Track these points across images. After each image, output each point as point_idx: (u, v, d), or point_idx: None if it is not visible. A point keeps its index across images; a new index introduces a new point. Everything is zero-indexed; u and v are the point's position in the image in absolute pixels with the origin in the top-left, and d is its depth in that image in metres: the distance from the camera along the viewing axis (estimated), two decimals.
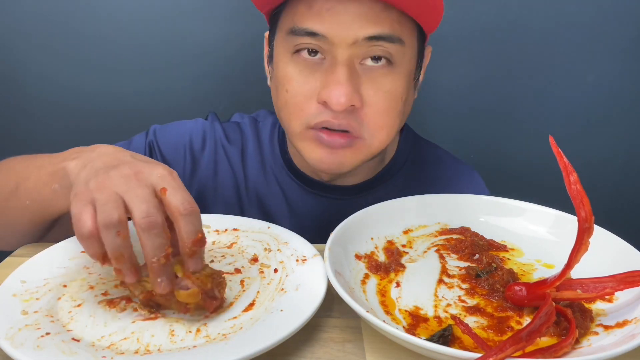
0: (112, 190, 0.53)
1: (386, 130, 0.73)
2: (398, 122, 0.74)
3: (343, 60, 0.68)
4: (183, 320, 0.55)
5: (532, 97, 1.33)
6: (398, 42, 0.69)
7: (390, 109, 0.72)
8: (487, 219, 0.73)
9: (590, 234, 0.53)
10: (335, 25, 0.67)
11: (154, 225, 0.51)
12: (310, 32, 0.68)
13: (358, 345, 0.53)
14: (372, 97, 0.70)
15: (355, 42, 0.67)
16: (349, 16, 0.67)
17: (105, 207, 0.52)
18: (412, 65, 0.74)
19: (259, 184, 0.88)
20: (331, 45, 0.68)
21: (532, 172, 1.34)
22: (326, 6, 0.67)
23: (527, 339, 0.46)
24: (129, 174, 0.54)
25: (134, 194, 0.52)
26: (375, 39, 0.67)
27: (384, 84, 0.70)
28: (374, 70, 0.70)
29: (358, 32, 0.67)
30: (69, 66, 1.28)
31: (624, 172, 1.39)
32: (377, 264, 0.63)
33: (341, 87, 0.67)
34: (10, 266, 0.63)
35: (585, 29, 1.27)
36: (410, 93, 0.76)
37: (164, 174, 0.54)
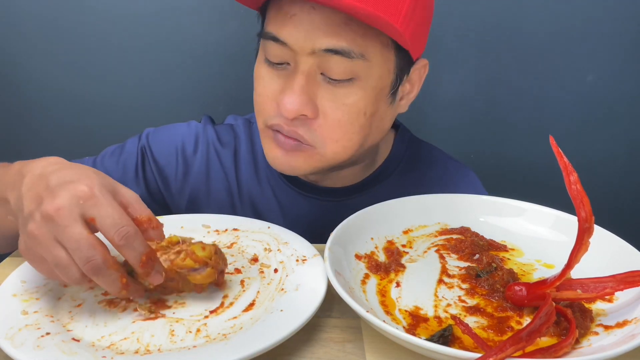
0: (47, 240, 0.50)
1: (342, 143, 0.71)
2: (359, 137, 0.72)
3: (302, 69, 0.68)
4: (183, 320, 0.55)
5: (532, 97, 1.33)
6: (359, 58, 0.67)
7: (347, 123, 0.70)
8: (487, 219, 0.73)
9: (590, 234, 0.53)
10: (295, 33, 0.66)
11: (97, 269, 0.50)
12: (274, 37, 0.68)
13: (358, 345, 0.53)
14: (328, 109, 0.69)
15: (313, 52, 0.66)
16: (310, 25, 0.65)
17: (58, 268, 0.51)
18: (383, 82, 0.71)
19: (252, 186, 0.88)
20: (293, 53, 0.68)
21: (532, 172, 1.34)
22: (291, 12, 0.66)
23: (527, 339, 0.46)
24: (49, 214, 0.50)
25: (64, 236, 0.50)
26: (332, 52, 0.66)
27: (344, 98, 0.69)
28: (334, 82, 0.68)
29: (316, 43, 0.66)
30: (65, 66, 1.28)
31: (624, 172, 1.39)
32: (377, 264, 0.63)
33: (293, 95, 0.67)
34: (10, 266, 0.63)
35: (585, 29, 1.27)
36: (381, 108, 0.73)
37: (83, 194, 0.51)
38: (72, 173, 0.54)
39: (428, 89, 1.32)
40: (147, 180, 0.87)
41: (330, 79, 0.68)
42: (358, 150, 0.75)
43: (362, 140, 0.74)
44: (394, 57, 0.71)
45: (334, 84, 0.68)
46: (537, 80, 1.32)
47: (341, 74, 0.68)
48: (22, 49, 1.27)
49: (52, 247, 0.50)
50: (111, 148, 0.89)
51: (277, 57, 0.69)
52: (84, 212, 0.51)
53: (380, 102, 0.73)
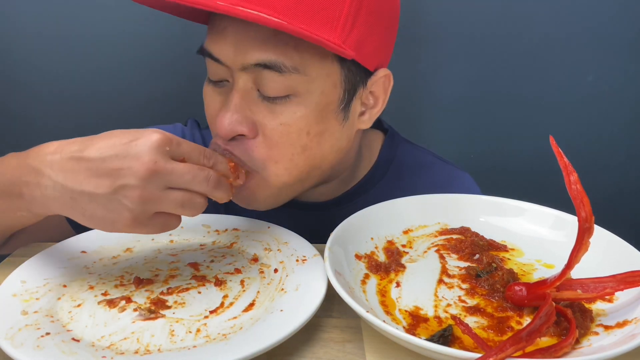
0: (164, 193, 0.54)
1: (282, 164, 0.66)
2: (303, 158, 0.67)
3: (238, 86, 0.64)
4: (183, 320, 0.55)
5: (532, 97, 1.33)
6: (294, 72, 0.62)
7: (287, 143, 0.65)
8: (487, 219, 0.73)
9: (590, 234, 0.53)
10: (225, 48, 0.63)
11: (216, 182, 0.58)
12: (209, 54, 0.65)
13: (358, 345, 0.53)
14: (266, 128, 0.65)
15: (245, 67, 0.63)
16: (239, 39, 0.62)
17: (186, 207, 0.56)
18: (327, 97, 0.65)
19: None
20: (229, 69, 0.64)
21: (532, 172, 1.34)
22: (221, 26, 0.63)
23: (527, 339, 0.46)
24: (149, 172, 0.53)
25: (179, 177, 0.54)
26: (262, 66, 0.62)
27: (281, 116, 0.64)
28: (271, 100, 0.64)
29: (245, 57, 0.62)
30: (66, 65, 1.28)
31: (624, 172, 1.39)
32: (377, 264, 0.63)
33: (227, 113, 0.64)
34: (10, 266, 0.63)
35: (585, 29, 1.26)
36: (331, 126, 0.68)
37: (162, 141, 0.54)
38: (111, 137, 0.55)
39: (428, 89, 1.33)
40: None
41: (265, 96, 0.64)
42: (311, 172, 0.70)
43: (310, 161, 0.68)
44: (339, 70, 0.65)
45: (271, 101, 0.64)
46: (537, 80, 1.31)
47: (276, 91, 0.63)
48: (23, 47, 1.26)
49: (168, 194, 0.54)
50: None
51: (216, 74, 0.67)
52: (173, 154, 0.55)
53: (328, 119, 0.67)
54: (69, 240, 0.68)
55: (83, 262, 0.65)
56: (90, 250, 0.67)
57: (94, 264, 0.65)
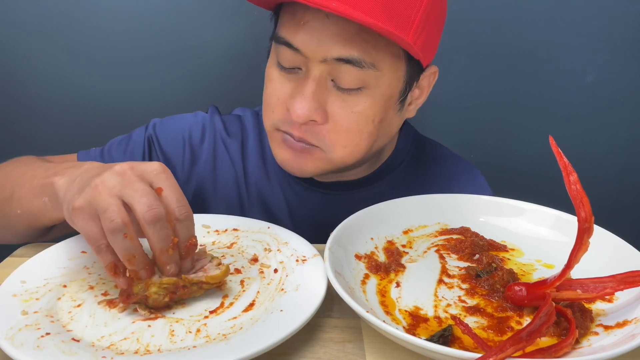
0: (109, 193, 0.53)
1: (349, 149, 0.73)
2: (366, 142, 0.74)
3: (314, 75, 0.69)
4: (183, 320, 0.55)
5: (531, 97, 1.33)
6: (370, 67, 0.68)
7: (356, 129, 0.71)
8: (487, 219, 0.73)
9: (590, 234, 0.53)
10: (308, 40, 0.67)
11: (158, 218, 0.52)
12: (287, 43, 0.69)
13: (358, 345, 0.53)
14: (337, 116, 0.70)
15: (325, 60, 0.67)
16: (322, 33, 0.66)
17: (106, 214, 0.52)
18: (392, 90, 0.72)
19: (259, 178, 0.88)
20: (305, 59, 0.69)
21: (532, 172, 1.34)
22: (304, 19, 0.67)
23: (527, 339, 0.46)
24: (123, 170, 0.54)
25: (132, 189, 0.53)
26: (343, 61, 0.67)
27: (353, 105, 0.70)
28: (344, 90, 0.69)
29: (328, 51, 0.67)
30: (69, 63, 1.28)
31: (624, 172, 1.39)
32: (377, 264, 0.63)
33: (303, 101, 0.68)
34: (10, 266, 0.63)
35: (585, 29, 1.26)
36: (390, 115, 0.75)
37: (159, 170, 0.55)
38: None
39: None
40: None
41: (340, 87, 0.69)
42: (365, 155, 0.76)
43: (370, 145, 0.75)
44: (405, 66, 0.72)
45: (344, 91, 0.69)
46: (536, 80, 1.31)
47: (351, 83, 0.68)
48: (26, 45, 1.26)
49: (111, 196, 0.53)
50: (118, 138, 0.89)
51: (289, 62, 0.70)
52: (154, 180, 0.55)
53: (389, 109, 0.74)
54: (69, 240, 0.68)
55: (83, 262, 0.65)
56: (90, 250, 0.67)
57: (94, 264, 0.65)
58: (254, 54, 1.21)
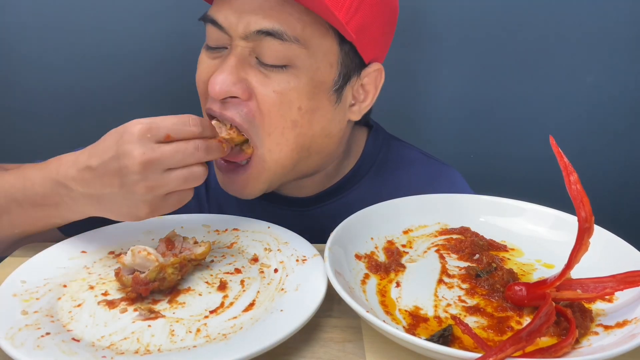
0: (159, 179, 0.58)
1: (275, 138, 0.68)
2: (293, 134, 0.69)
3: (235, 52, 0.66)
4: (183, 320, 0.55)
5: (532, 98, 1.33)
6: (294, 42, 0.64)
7: (278, 113, 0.67)
8: (487, 219, 0.73)
9: (590, 234, 0.52)
10: (230, 15, 0.65)
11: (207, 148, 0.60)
12: (212, 20, 0.67)
13: (358, 345, 0.53)
14: (259, 94, 0.66)
15: (246, 34, 0.65)
16: (245, 7, 0.64)
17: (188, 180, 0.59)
18: (322, 75, 0.68)
19: (220, 193, 0.83)
20: (229, 37, 0.67)
21: (532, 172, 1.34)
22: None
23: (527, 339, 0.46)
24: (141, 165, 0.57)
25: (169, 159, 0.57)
26: (264, 33, 0.64)
27: (276, 84, 0.66)
28: (267, 67, 0.66)
29: (249, 25, 0.64)
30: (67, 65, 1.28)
31: (624, 172, 1.39)
32: (377, 264, 0.63)
33: (221, 75, 0.65)
34: (10, 266, 0.63)
35: (585, 29, 1.27)
36: (322, 106, 0.70)
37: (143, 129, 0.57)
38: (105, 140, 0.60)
39: (428, 89, 1.32)
40: None
41: (263, 63, 0.66)
42: (301, 153, 0.71)
43: (301, 140, 0.70)
44: (337, 50, 0.68)
45: (267, 69, 0.66)
46: (536, 81, 1.31)
47: (274, 59, 0.65)
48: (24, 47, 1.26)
49: (169, 176, 0.58)
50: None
51: (215, 40, 0.69)
52: (157, 139, 0.58)
53: (320, 98, 0.69)
54: (69, 240, 0.68)
55: (83, 262, 0.65)
56: (90, 250, 0.67)
57: (94, 264, 0.65)
58: None
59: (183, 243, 0.65)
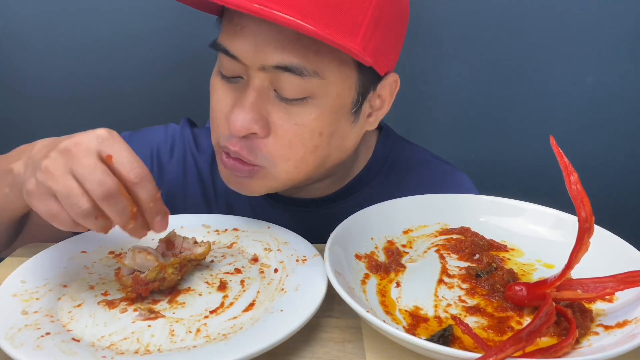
0: (61, 175, 0.51)
1: (293, 162, 0.67)
2: (313, 157, 0.68)
3: (253, 85, 0.64)
4: (183, 320, 0.55)
5: (532, 98, 1.33)
6: (313, 76, 0.63)
7: (299, 143, 0.66)
8: (487, 219, 0.73)
9: (590, 234, 0.52)
10: (244, 47, 0.63)
11: (109, 194, 0.50)
12: (225, 50, 0.65)
13: (358, 345, 0.53)
14: (279, 129, 0.65)
15: (264, 68, 0.63)
16: (259, 39, 0.62)
17: (69, 199, 0.50)
18: (342, 100, 0.67)
19: (229, 194, 0.82)
20: (245, 67, 0.64)
21: (532, 172, 1.34)
22: (241, 24, 0.63)
23: (527, 339, 0.46)
24: (67, 147, 0.51)
25: (79, 166, 0.50)
26: (282, 69, 0.62)
27: (297, 117, 0.65)
28: (287, 101, 0.64)
29: (265, 59, 0.62)
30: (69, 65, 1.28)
31: (625, 172, 1.39)
32: (377, 264, 0.63)
33: (242, 112, 0.64)
34: (10, 266, 0.63)
35: (585, 29, 1.27)
36: (342, 127, 0.69)
37: (105, 137, 0.52)
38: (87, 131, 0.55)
39: (428, 89, 1.33)
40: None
41: (283, 97, 0.64)
42: (316, 170, 0.71)
43: (319, 160, 0.70)
44: (356, 74, 0.67)
45: (288, 102, 0.65)
46: (537, 81, 1.32)
47: (294, 93, 0.64)
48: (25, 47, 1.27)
49: (65, 177, 0.50)
50: None
51: (230, 70, 0.66)
52: (101, 149, 0.52)
53: (340, 121, 0.69)
54: (69, 240, 0.68)
55: (83, 262, 0.65)
56: (90, 250, 0.67)
57: (94, 264, 0.65)
58: None
59: (183, 243, 0.64)
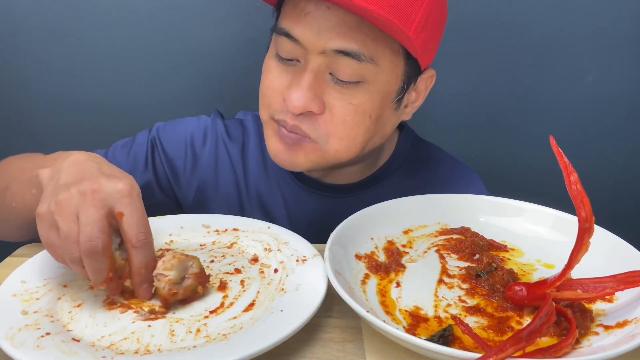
0: (69, 215, 0.53)
1: (346, 142, 0.72)
2: (362, 138, 0.73)
3: (312, 67, 0.69)
4: (183, 320, 0.55)
5: (531, 98, 1.33)
6: (369, 62, 0.68)
7: (353, 122, 0.71)
8: (487, 219, 0.73)
9: (590, 234, 0.52)
10: (308, 31, 0.67)
11: (93, 252, 0.52)
12: (286, 33, 0.69)
13: (358, 345, 0.53)
14: (335, 107, 0.70)
15: (324, 51, 0.67)
16: (323, 25, 0.66)
17: (66, 242, 0.53)
18: (390, 87, 0.72)
19: (259, 180, 0.89)
20: (304, 50, 0.68)
21: (532, 172, 1.34)
22: (306, 10, 0.67)
23: (528, 339, 0.46)
24: (85, 191, 0.54)
25: (84, 215, 0.53)
26: (342, 53, 0.67)
27: (351, 98, 0.70)
28: (342, 83, 0.69)
29: (327, 43, 0.67)
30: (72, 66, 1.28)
31: (624, 172, 1.39)
32: (377, 264, 0.63)
33: (300, 91, 0.68)
34: (10, 266, 0.63)
35: (585, 29, 1.26)
36: (386, 113, 0.74)
37: (124, 191, 0.55)
38: (120, 172, 0.59)
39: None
40: (156, 171, 0.89)
41: (338, 79, 0.69)
42: (360, 151, 0.75)
43: (366, 142, 0.75)
44: (403, 65, 0.72)
45: (342, 84, 0.69)
46: (536, 81, 1.31)
47: (349, 76, 0.68)
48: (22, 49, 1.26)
49: (70, 219, 0.53)
50: (122, 141, 0.91)
51: (288, 53, 0.70)
52: (115, 205, 0.54)
53: (386, 107, 0.73)
54: None
55: None
56: None
57: None
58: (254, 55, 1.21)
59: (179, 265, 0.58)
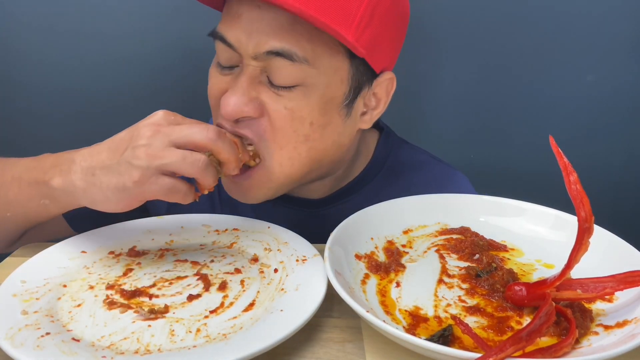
0: (161, 149, 0.58)
1: (287, 152, 0.68)
2: (306, 148, 0.69)
3: (247, 72, 0.66)
4: (183, 320, 0.55)
5: (531, 97, 1.33)
6: (304, 62, 0.64)
7: (290, 129, 0.67)
8: (487, 219, 0.73)
9: (590, 234, 0.53)
10: (239, 34, 0.65)
11: (219, 131, 0.61)
12: (221, 38, 0.67)
13: (358, 345, 0.54)
14: (271, 111, 0.66)
15: (257, 56, 0.64)
16: (254, 26, 0.64)
17: (184, 162, 0.58)
18: (332, 92, 0.67)
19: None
20: (240, 56, 0.66)
21: (531, 172, 1.34)
22: (238, 12, 0.65)
23: (527, 339, 0.46)
24: (151, 128, 0.59)
25: (175, 133, 0.59)
26: (274, 54, 0.63)
27: (287, 101, 0.66)
28: (279, 87, 0.66)
29: (258, 45, 0.64)
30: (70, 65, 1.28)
31: (624, 172, 1.39)
32: (377, 264, 0.63)
33: (233, 96, 0.65)
34: (10, 266, 0.63)
35: (585, 28, 1.26)
36: (334, 120, 0.70)
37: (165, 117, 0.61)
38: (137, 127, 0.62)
39: (428, 89, 1.33)
40: None
41: (274, 83, 0.66)
42: (312, 165, 0.71)
43: (314, 154, 0.70)
44: (348, 67, 0.68)
45: (279, 88, 0.66)
46: (536, 80, 1.31)
47: (285, 79, 0.65)
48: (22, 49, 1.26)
49: (168, 150, 0.59)
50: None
51: (226, 59, 0.68)
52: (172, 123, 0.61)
53: (331, 114, 0.69)
54: (69, 240, 0.68)
55: (83, 262, 0.65)
56: (90, 250, 0.67)
57: (94, 264, 0.65)
58: None
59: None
